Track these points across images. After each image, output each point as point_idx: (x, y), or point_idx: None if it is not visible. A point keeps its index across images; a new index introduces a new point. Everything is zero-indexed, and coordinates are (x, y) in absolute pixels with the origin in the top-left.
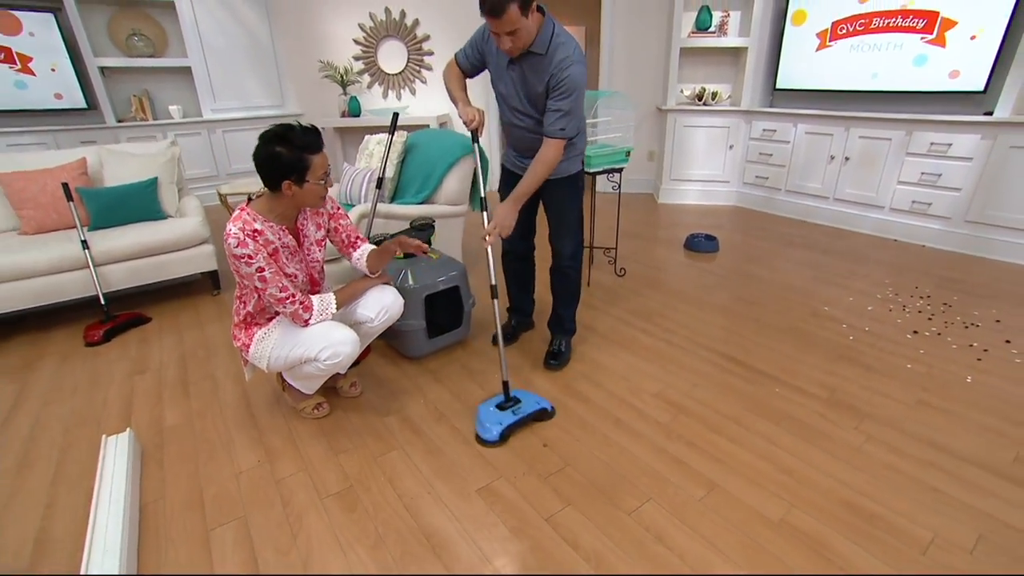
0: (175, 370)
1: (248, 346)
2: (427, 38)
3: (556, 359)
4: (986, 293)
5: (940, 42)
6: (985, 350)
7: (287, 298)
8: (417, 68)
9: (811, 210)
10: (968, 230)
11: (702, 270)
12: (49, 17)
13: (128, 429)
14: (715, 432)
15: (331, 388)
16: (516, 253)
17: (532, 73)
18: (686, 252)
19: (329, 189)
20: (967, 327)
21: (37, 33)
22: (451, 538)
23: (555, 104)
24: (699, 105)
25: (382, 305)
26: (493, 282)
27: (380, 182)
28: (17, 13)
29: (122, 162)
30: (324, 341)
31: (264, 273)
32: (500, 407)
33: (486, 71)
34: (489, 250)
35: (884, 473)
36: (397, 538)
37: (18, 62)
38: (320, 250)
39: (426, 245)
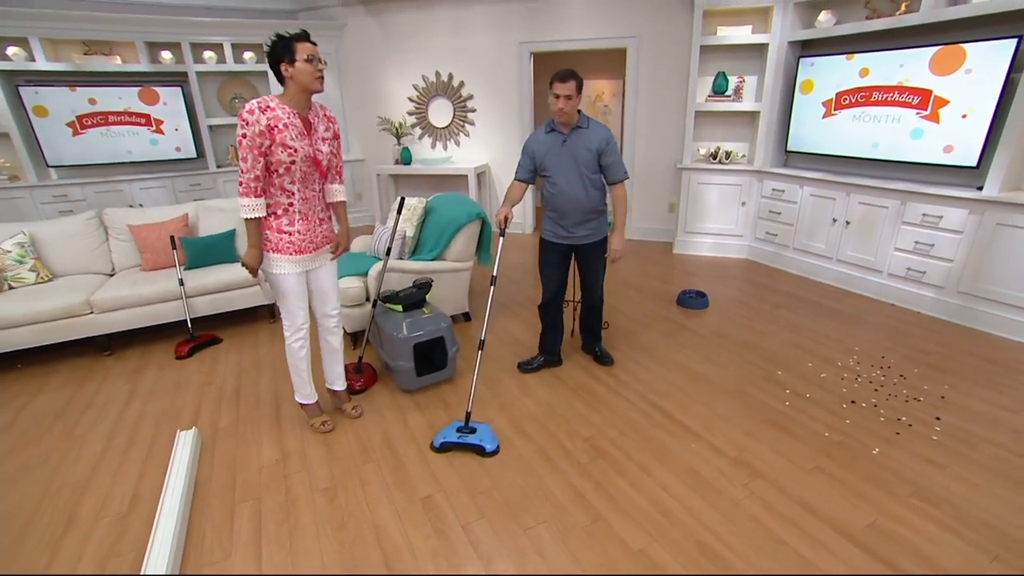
0: (232, 383)
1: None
2: (471, 97)
3: (608, 357)
4: (951, 367)
5: (934, 118)
6: (910, 425)
7: (244, 171)
8: (462, 123)
9: (816, 269)
10: (960, 300)
11: (683, 327)
12: (178, 90)
13: (194, 427)
14: (621, 475)
15: (338, 410)
16: (555, 304)
17: (581, 141)
18: (677, 308)
19: (323, 74)
20: (907, 401)
21: (169, 103)
22: (391, 529)
23: (610, 159)
24: (713, 164)
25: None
26: (495, 273)
27: (388, 250)
28: (158, 88)
29: (212, 216)
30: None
31: (244, 141)
32: (458, 429)
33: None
34: (500, 246)
35: (747, 524)
36: (355, 524)
37: (154, 124)
38: (327, 145)
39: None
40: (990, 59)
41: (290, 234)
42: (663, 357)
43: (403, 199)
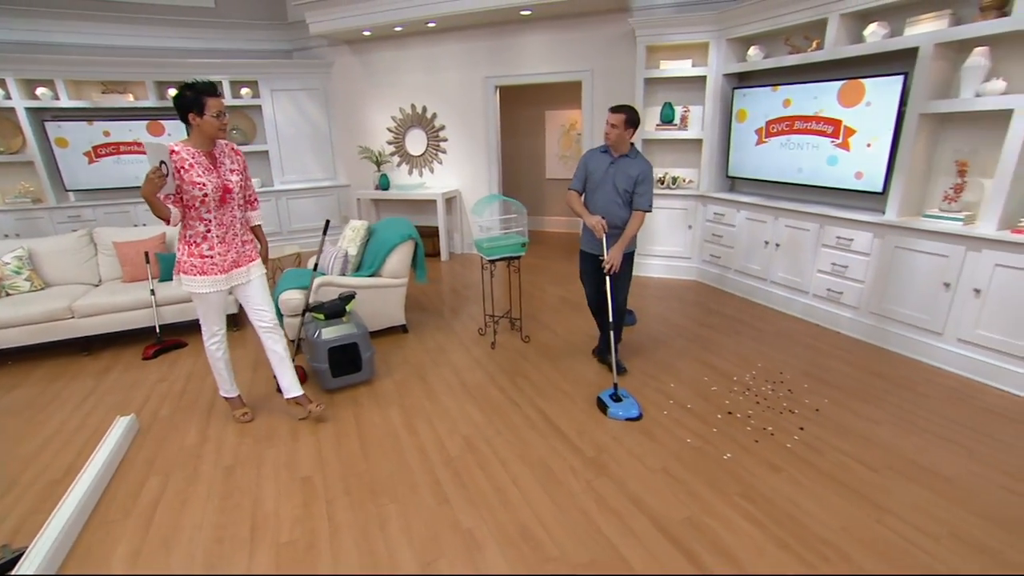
0: (183, 381)
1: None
2: (443, 127)
3: (621, 367)
4: (841, 383)
5: (846, 147)
6: (772, 434)
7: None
8: (435, 151)
9: (754, 290)
10: (872, 320)
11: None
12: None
13: (132, 414)
14: (481, 468)
15: (306, 414)
16: (596, 303)
17: (625, 168)
18: None
19: (226, 126)
20: (782, 413)
21: (174, 134)
22: (267, 500)
23: (642, 189)
24: (661, 188)
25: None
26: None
27: (315, 266)
28: (164, 121)
29: None
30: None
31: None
32: (610, 396)
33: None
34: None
35: (574, 514)
36: (240, 495)
37: None
38: (236, 175)
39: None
40: (884, 93)
41: (211, 257)
42: (568, 368)
43: (328, 222)
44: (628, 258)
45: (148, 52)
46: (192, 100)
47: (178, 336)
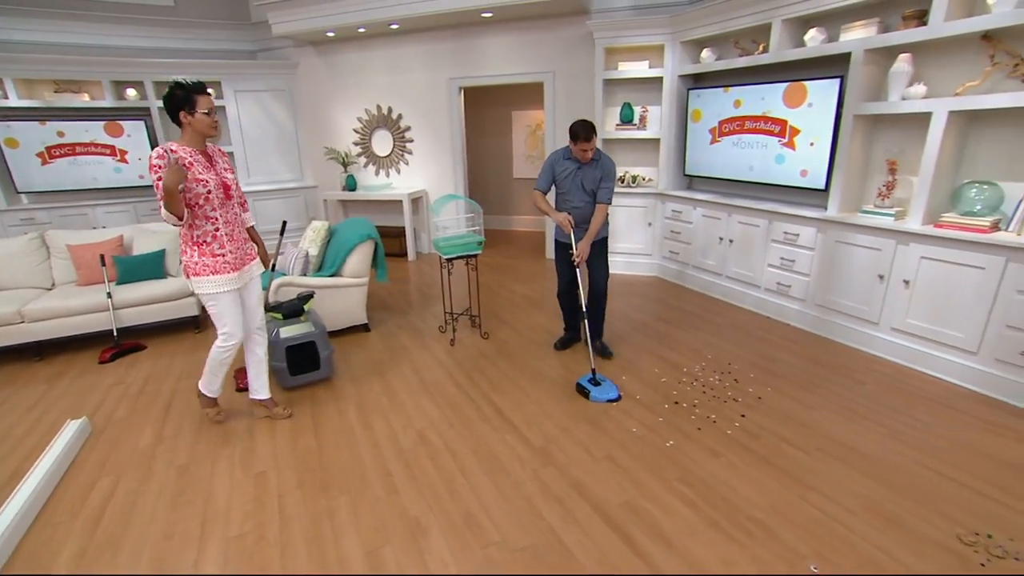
0: (140, 384)
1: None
2: (408, 128)
3: (608, 351)
4: (785, 372)
5: (792, 146)
6: (715, 422)
7: (159, 199)
8: (401, 152)
9: (710, 285)
10: (817, 312)
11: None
12: (141, 123)
13: (84, 417)
14: (432, 460)
15: (267, 417)
16: (569, 292)
17: (591, 170)
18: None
19: (218, 124)
20: (726, 402)
21: (133, 135)
22: (219, 496)
23: (607, 184)
24: (622, 187)
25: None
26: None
27: (273, 267)
28: (123, 122)
29: (146, 237)
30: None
31: (159, 183)
32: (589, 380)
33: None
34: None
35: (518, 501)
36: (193, 492)
37: (118, 154)
38: (231, 175)
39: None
40: (824, 95)
41: (223, 256)
42: (524, 363)
43: (285, 223)
44: (602, 244)
45: (104, 51)
46: (183, 98)
47: (137, 339)
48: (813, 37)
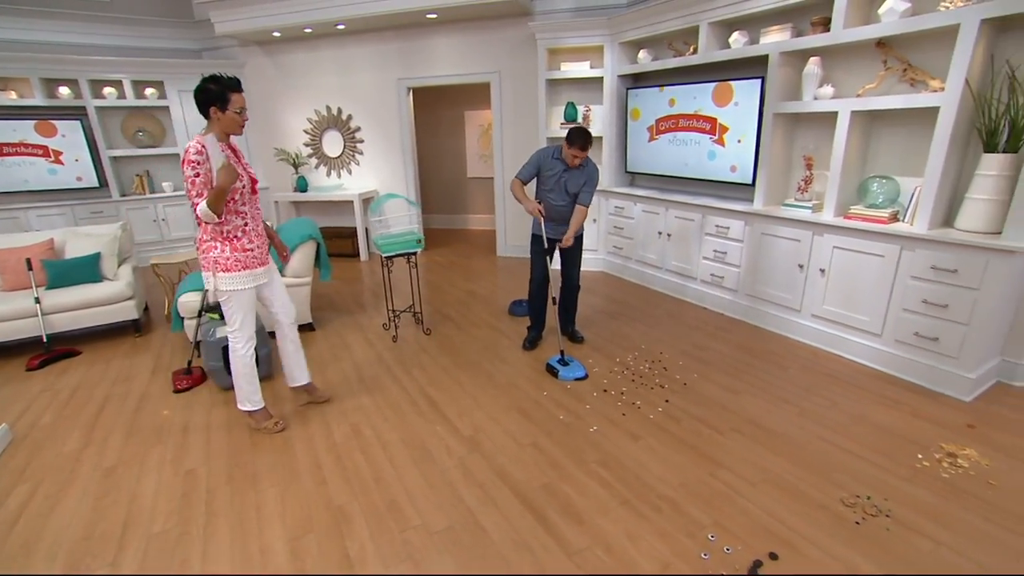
0: (69, 391)
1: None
2: (358, 129)
3: (579, 336)
4: (713, 359)
5: (721, 143)
6: (639, 407)
7: (194, 195)
8: (352, 153)
9: (651, 278)
10: (747, 302)
11: (500, 333)
12: (77, 123)
13: (4, 424)
14: (361, 452)
15: (310, 402)
16: (543, 286)
17: (575, 177)
18: (508, 316)
19: (246, 123)
20: (653, 388)
21: (68, 135)
22: (145, 496)
23: (588, 189)
24: None
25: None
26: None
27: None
28: (55, 121)
29: (80, 240)
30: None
31: (198, 179)
32: (558, 361)
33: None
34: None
35: (442, 487)
36: (117, 493)
37: (52, 155)
38: (252, 170)
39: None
40: (748, 94)
41: (251, 250)
42: (464, 358)
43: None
44: (579, 239)
45: (33, 46)
46: (217, 94)
47: (72, 345)
48: (736, 40)
